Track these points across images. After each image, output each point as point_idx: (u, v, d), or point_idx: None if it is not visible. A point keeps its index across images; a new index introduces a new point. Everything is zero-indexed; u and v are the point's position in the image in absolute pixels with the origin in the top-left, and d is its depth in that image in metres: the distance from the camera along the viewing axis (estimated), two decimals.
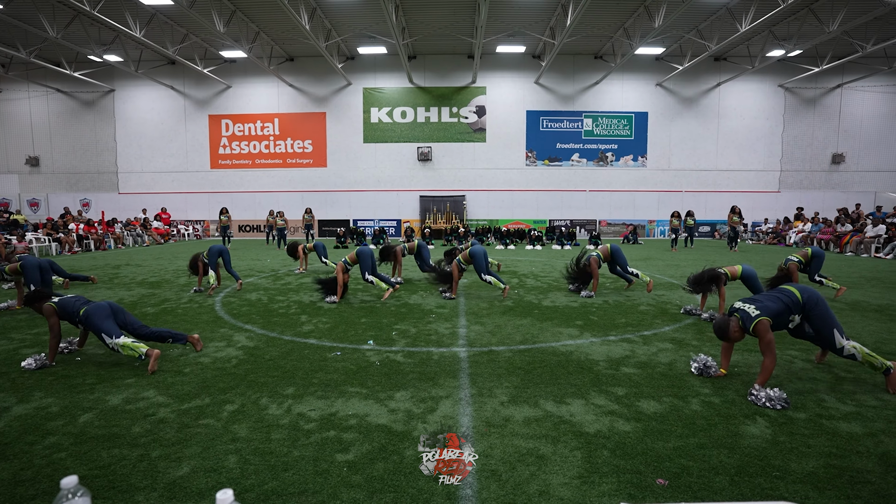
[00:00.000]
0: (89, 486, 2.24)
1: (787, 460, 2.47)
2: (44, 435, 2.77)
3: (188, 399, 3.27)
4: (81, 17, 14.35)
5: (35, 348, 4.45)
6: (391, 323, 5.43)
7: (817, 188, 20.34)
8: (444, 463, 2.44)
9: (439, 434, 2.74)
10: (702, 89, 19.91)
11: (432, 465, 2.43)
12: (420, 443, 2.65)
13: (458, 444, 2.62)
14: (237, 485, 2.27)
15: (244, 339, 4.83)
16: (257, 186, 20.53)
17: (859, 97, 19.92)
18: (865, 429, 2.82)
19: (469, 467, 2.41)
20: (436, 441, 2.65)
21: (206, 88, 20.17)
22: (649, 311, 6.03)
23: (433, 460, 2.47)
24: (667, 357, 4.19)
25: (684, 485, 2.26)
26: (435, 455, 2.51)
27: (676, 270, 9.82)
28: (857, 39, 15.46)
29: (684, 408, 3.12)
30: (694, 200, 20.02)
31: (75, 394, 3.37)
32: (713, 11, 14.84)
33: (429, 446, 2.60)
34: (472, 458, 2.49)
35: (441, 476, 2.34)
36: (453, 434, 2.73)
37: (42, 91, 20.28)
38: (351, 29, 16.62)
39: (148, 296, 7.16)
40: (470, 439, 2.71)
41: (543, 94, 19.96)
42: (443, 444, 2.62)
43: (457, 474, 2.35)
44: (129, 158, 20.68)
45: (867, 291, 7.49)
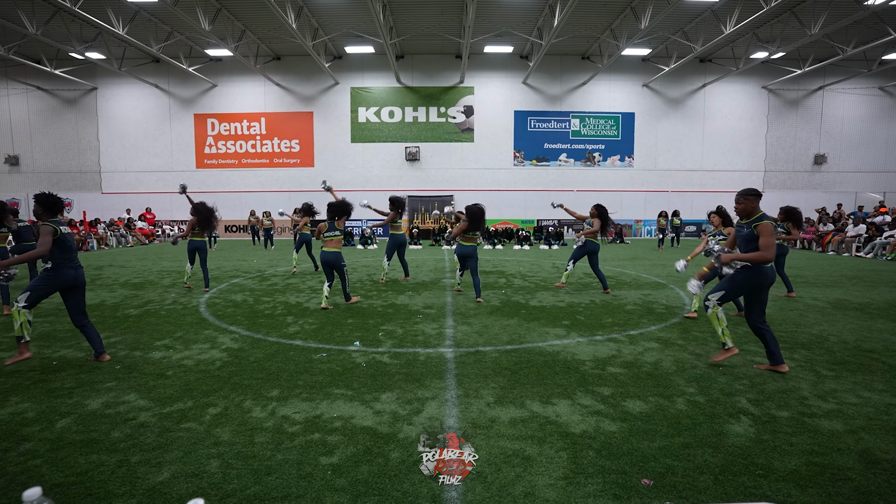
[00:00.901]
0: (65, 494, 2.19)
1: (770, 458, 2.50)
2: (19, 441, 2.69)
3: (170, 402, 3.21)
4: (62, 14, 14.02)
5: (12, 351, 4.32)
6: (378, 324, 5.40)
7: (800, 188, 20.71)
8: (444, 463, 2.43)
9: (440, 434, 2.72)
10: (687, 90, 20.15)
11: (432, 465, 2.42)
12: (420, 443, 2.64)
13: (458, 444, 2.62)
14: (219, 490, 2.23)
15: (229, 340, 4.75)
16: (244, 186, 20.28)
17: (840, 99, 20.32)
18: (846, 426, 2.87)
19: (469, 467, 2.40)
20: (436, 441, 2.64)
21: (191, 87, 19.86)
22: (636, 311, 6.08)
23: (433, 460, 2.46)
24: (653, 356, 4.22)
25: (669, 484, 2.27)
26: (435, 455, 2.50)
27: (663, 270, 9.92)
28: (838, 42, 15.77)
29: (670, 407, 3.14)
30: (680, 200, 20.25)
31: (53, 398, 3.29)
32: (698, 13, 15.03)
33: (429, 446, 2.59)
34: (472, 458, 2.48)
35: (441, 476, 2.33)
36: (453, 434, 2.72)
37: (21, 88, 19.79)
38: (338, 28, 16.50)
39: (131, 297, 7.02)
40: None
41: (531, 94, 20.03)
42: (443, 444, 2.61)
43: (457, 474, 2.34)
44: (112, 158, 20.28)
45: (849, 290, 7.63)
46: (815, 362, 4.05)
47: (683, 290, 7.51)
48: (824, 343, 4.64)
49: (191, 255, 7.56)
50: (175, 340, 4.74)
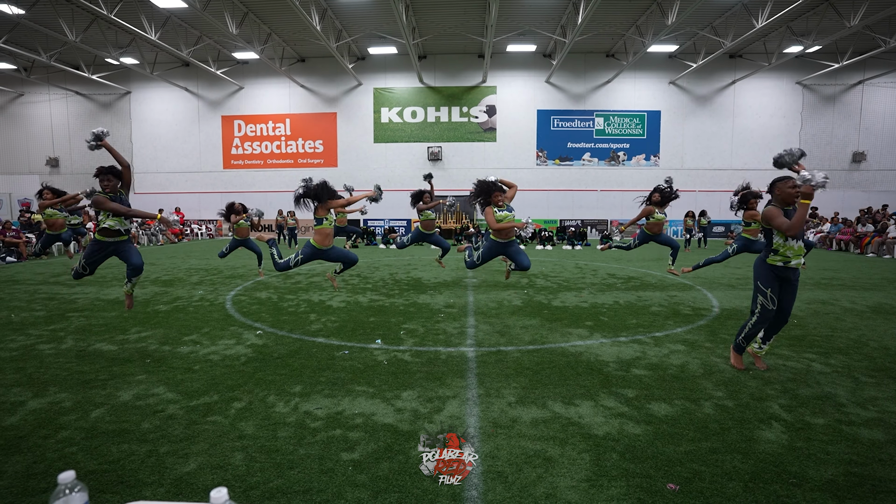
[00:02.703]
0: (99, 481, 2.27)
1: (804, 467, 2.40)
2: (57, 429, 2.80)
3: (197, 396, 3.30)
4: (99, 21, 14.60)
5: (52, 344, 4.53)
6: (399, 322, 5.42)
7: (837, 187, 19.85)
8: (444, 463, 2.42)
9: (439, 434, 2.71)
10: (716, 87, 19.57)
11: (432, 465, 2.41)
12: (420, 443, 2.62)
13: (458, 444, 2.60)
14: (242, 482, 2.27)
15: (253, 337, 4.86)
16: (269, 186, 20.70)
17: (882, 94, 19.39)
18: (888, 436, 2.73)
19: (469, 467, 2.38)
20: (436, 441, 2.63)
21: (219, 90, 20.40)
22: (661, 312, 5.93)
23: (433, 460, 2.45)
24: (679, 359, 4.11)
25: (696, 490, 2.20)
26: (435, 455, 2.49)
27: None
28: (880, 34, 15.04)
29: (696, 411, 3.05)
30: (708, 200, 19.68)
31: (88, 389, 3.42)
32: (728, 7, 14.57)
33: (429, 446, 2.58)
34: (472, 459, 2.46)
35: (441, 476, 2.31)
36: (453, 434, 2.70)
37: (62, 94, 20.71)
38: (361, 29, 16.67)
39: (161, 294, 7.25)
40: (476, 440, 2.68)
41: (554, 93, 19.81)
42: (443, 444, 2.60)
43: (457, 474, 2.32)
44: (144, 159, 21.01)
45: (890, 294, 7.28)
46: (853, 368, 3.86)
47: (710, 292, 7.29)
48: (863, 348, 4.43)
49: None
50: (202, 336, 4.87)
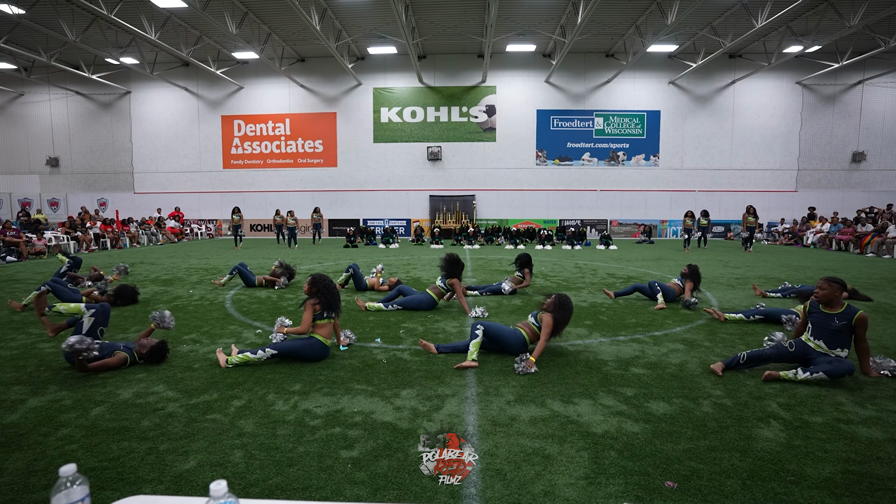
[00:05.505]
0: (99, 478, 2.27)
1: (802, 465, 2.40)
2: (57, 427, 2.81)
3: (197, 394, 3.30)
4: (99, 21, 14.61)
5: (52, 343, 4.53)
6: (399, 321, 5.43)
7: (836, 187, 19.88)
8: (444, 463, 2.42)
9: (439, 434, 2.72)
10: (716, 87, 19.59)
11: (432, 464, 2.41)
12: (420, 442, 2.63)
13: (458, 443, 2.60)
14: (242, 479, 2.28)
15: (253, 335, 4.86)
16: (268, 186, 20.72)
17: (881, 93, 19.42)
18: (887, 434, 2.73)
19: (469, 467, 2.38)
20: (436, 441, 2.63)
21: (218, 89, 20.41)
22: (660, 312, 5.94)
23: (433, 460, 2.45)
24: (677, 358, 4.12)
25: (694, 488, 2.21)
26: (435, 455, 2.49)
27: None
28: (880, 34, 15.05)
29: (695, 409, 3.05)
30: (707, 200, 19.70)
31: (88, 387, 3.42)
32: (728, 7, 14.59)
33: (429, 446, 2.58)
34: (472, 458, 2.46)
35: (441, 476, 2.32)
36: (453, 434, 2.70)
37: (62, 93, 20.72)
38: (361, 29, 16.69)
39: (161, 293, 7.26)
40: (475, 438, 2.68)
41: (554, 92, 19.82)
42: (443, 443, 2.60)
43: (457, 474, 2.32)
44: (144, 159, 21.02)
45: (889, 294, 7.28)
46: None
47: (710, 292, 7.30)
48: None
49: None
50: (202, 335, 4.88)
